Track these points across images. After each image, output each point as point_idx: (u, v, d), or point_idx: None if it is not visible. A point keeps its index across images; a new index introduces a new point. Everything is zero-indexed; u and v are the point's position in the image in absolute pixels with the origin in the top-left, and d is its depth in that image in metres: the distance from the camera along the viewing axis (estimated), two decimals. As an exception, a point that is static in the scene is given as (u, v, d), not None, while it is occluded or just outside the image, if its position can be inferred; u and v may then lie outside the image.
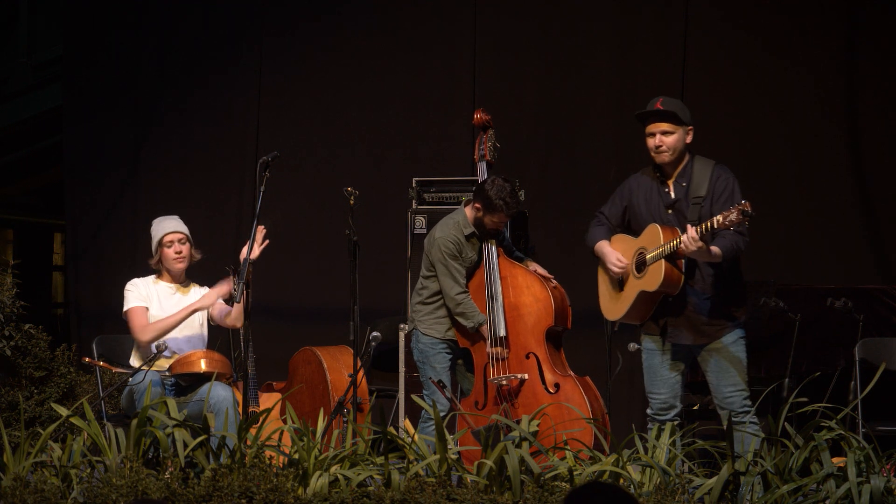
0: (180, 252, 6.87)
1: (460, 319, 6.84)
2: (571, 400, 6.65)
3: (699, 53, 8.65)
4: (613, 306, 6.22)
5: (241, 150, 9.69)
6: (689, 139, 6.09)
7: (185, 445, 5.58)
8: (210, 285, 6.95)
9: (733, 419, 5.83)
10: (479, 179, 7.03)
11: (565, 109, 8.95)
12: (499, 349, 6.80)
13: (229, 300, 6.77)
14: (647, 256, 5.98)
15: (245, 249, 6.53)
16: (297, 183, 9.31)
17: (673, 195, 6.05)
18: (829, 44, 8.49)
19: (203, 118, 9.86)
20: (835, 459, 5.25)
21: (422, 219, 7.98)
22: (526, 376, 6.80)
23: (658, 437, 5.57)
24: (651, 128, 6.03)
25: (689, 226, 5.82)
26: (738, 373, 5.95)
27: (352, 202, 6.62)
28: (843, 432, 5.26)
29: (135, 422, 5.70)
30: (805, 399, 5.63)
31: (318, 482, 5.35)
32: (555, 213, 8.74)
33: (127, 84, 10.05)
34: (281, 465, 5.48)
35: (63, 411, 5.90)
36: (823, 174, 8.48)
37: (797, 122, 8.55)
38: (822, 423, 5.33)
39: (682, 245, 5.79)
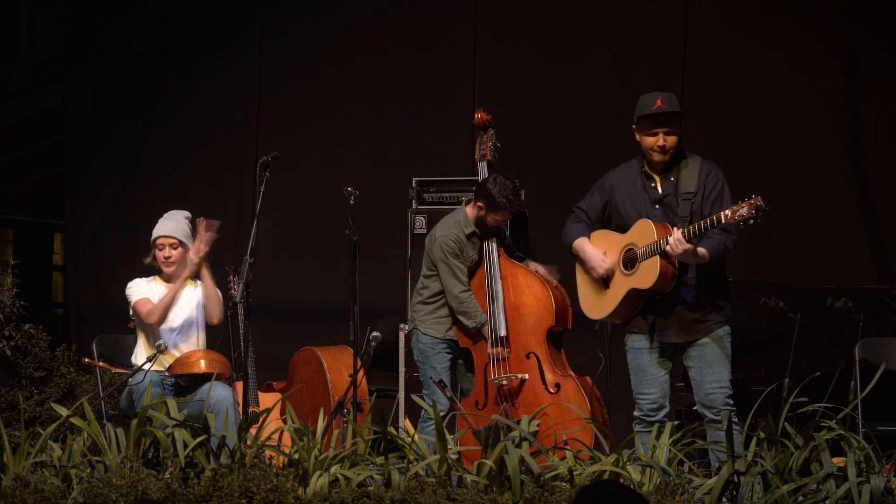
0: (169, 257, 6.89)
1: (462, 319, 6.84)
2: (572, 400, 6.64)
3: (699, 53, 8.65)
4: (597, 305, 6.08)
5: (241, 150, 9.69)
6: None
7: (185, 445, 5.57)
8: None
9: (716, 416, 5.79)
10: (480, 179, 7.02)
11: (565, 109, 8.96)
12: (499, 349, 6.79)
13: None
14: (639, 252, 5.86)
15: (195, 246, 6.72)
16: (297, 183, 9.31)
17: (660, 190, 5.94)
18: (829, 43, 8.49)
19: (203, 118, 9.87)
20: (835, 459, 5.24)
21: (422, 219, 7.97)
22: (526, 376, 6.79)
23: (658, 437, 5.56)
24: (655, 129, 5.91)
25: (675, 228, 5.73)
26: (722, 370, 5.86)
27: (352, 202, 6.62)
28: (843, 432, 5.26)
29: (135, 422, 5.70)
30: (805, 399, 5.62)
31: (318, 482, 5.35)
32: (555, 213, 8.72)
33: (127, 84, 10.06)
34: (281, 465, 5.48)
35: (63, 411, 5.90)
36: (823, 174, 8.49)
37: (797, 121, 8.56)
38: (822, 423, 5.32)
39: (668, 247, 5.71)
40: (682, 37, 8.65)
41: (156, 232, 6.93)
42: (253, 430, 5.70)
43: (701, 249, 5.77)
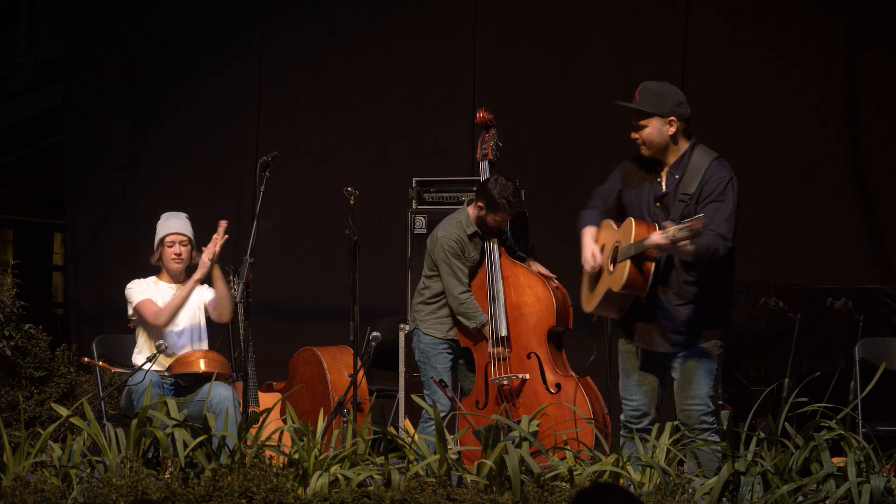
0: (179, 254, 6.89)
1: (463, 319, 6.84)
2: (572, 400, 6.64)
3: (699, 53, 8.65)
4: (587, 298, 5.88)
5: (241, 150, 9.70)
6: (670, 130, 5.65)
7: (185, 445, 5.57)
8: (210, 284, 6.97)
9: (688, 434, 5.59)
10: (482, 179, 7.03)
11: (565, 109, 8.96)
12: (500, 349, 6.79)
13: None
14: (619, 252, 5.65)
15: (212, 244, 6.70)
16: (297, 183, 9.31)
17: (664, 187, 5.68)
18: (830, 43, 8.49)
19: (203, 118, 9.88)
20: (835, 459, 5.24)
21: (422, 219, 7.97)
22: (527, 376, 6.79)
23: (658, 438, 5.56)
24: (631, 120, 5.69)
25: (668, 222, 5.45)
26: (701, 385, 5.64)
27: (352, 202, 6.62)
28: (843, 432, 5.26)
29: (135, 422, 5.70)
30: (805, 399, 5.61)
31: (318, 482, 5.35)
32: (555, 213, 8.73)
33: (127, 84, 10.06)
34: (281, 465, 5.48)
35: (63, 411, 5.89)
36: (823, 174, 8.49)
37: (797, 121, 8.56)
38: (822, 423, 5.32)
39: (650, 240, 5.42)
40: (683, 36, 8.65)
41: (165, 230, 6.92)
42: (253, 430, 5.70)
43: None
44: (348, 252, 6.59)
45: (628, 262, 5.57)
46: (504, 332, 6.83)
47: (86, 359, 7.13)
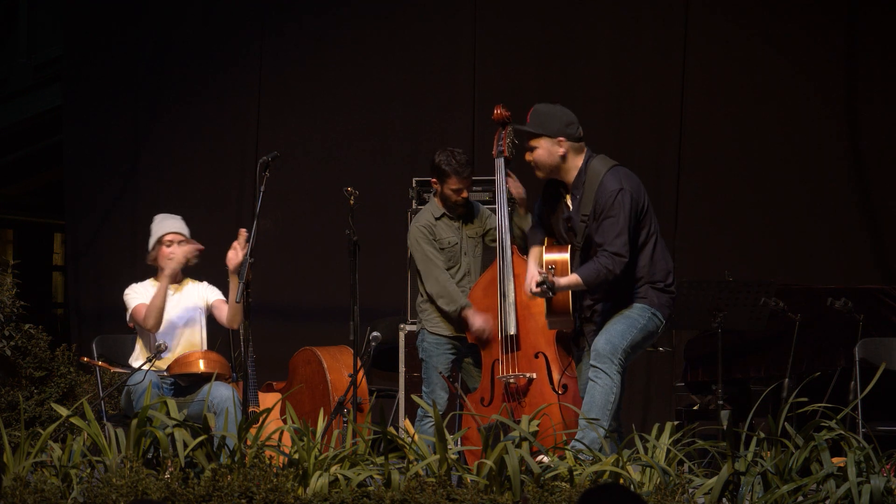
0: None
1: (441, 303, 6.77)
2: (578, 401, 6.63)
3: (699, 53, 8.66)
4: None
5: (241, 150, 9.70)
6: (560, 151, 5.83)
7: (185, 445, 5.57)
8: (209, 282, 6.98)
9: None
10: (497, 176, 7.00)
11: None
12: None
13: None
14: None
15: (235, 253, 6.62)
16: (297, 183, 9.32)
17: (570, 209, 5.79)
18: (830, 44, 8.50)
19: (203, 118, 9.88)
20: (835, 459, 5.25)
21: (422, 219, 7.96)
22: (534, 375, 6.77)
23: (658, 438, 5.56)
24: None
25: (543, 264, 5.67)
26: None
27: (352, 202, 6.62)
28: (843, 432, 5.26)
29: (135, 422, 5.70)
30: (805, 399, 5.62)
31: (318, 482, 5.35)
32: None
33: (127, 84, 10.07)
34: (281, 465, 5.48)
35: (63, 411, 5.89)
36: (823, 174, 8.49)
37: (797, 121, 8.56)
38: (822, 423, 5.33)
39: (525, 286, 5.68)
40: (682, 37, 8.65)
41: (163, 229, 6.90)
42: (253, 430, 5.70)
43: (573, 277, 5.72)
44: (348, 252, 6.58)
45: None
46: (513, 331, 6.80)
47: (86, 359, 7.13)
